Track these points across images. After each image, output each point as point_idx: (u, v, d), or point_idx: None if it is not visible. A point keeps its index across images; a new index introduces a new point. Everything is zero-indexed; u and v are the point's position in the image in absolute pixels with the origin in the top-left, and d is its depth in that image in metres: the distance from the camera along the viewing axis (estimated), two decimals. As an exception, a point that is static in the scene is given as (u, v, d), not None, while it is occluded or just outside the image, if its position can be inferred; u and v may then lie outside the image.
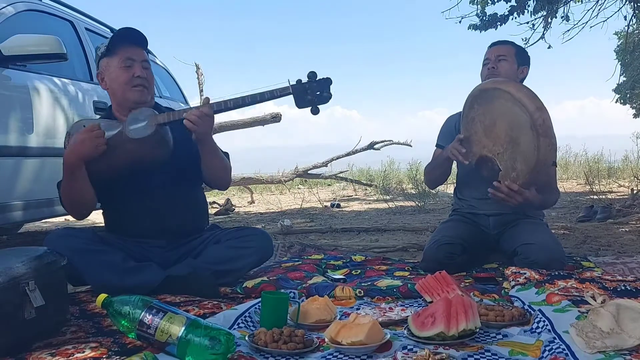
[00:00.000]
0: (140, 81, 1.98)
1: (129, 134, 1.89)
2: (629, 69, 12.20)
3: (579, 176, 8.84)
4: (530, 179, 2.02)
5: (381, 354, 1.26)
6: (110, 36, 2.01)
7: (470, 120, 2.17)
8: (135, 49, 2.00)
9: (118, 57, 1.98)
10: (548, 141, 1.94)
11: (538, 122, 1.91)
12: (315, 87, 1.91)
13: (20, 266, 1.31)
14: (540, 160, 1.95)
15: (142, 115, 1.93)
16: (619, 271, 2.15)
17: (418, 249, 2.93)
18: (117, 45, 1.98)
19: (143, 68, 2.00)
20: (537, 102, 1.94)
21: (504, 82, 2.06)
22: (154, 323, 1.21)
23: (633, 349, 1.19)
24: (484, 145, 2.13)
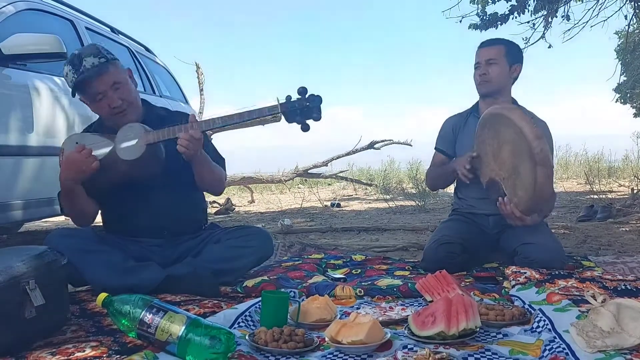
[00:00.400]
0: (119, 108, 1.94)
1: (120, 154, 1.89)
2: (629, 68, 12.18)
3: (579, 176, 8.84)
4: (529, 207, 2.04)
5: (381, 353, 1.26)
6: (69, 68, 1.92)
7: (482, 142, 2.19)
8: (99, 79, 1.91)
9: (87, 94, 1.95)
10: (545, 171, 1.93)
11: (535, 151, 1.91)
12: (304, 105, 1.84)
13: (20, 265, 1.31)
14: (537, 190, 1.95)
15: (132, 133, 1.90)
16: (619, 270, 2.15)
17: (418, 249, 2.93)
18: (80, 86, 1.93)
19: (115, 90, 1.93)
20: (536, 131, 1.94)
21: (509, 109, 2.06)
22: (155, 322, 1.20)
23: (633, 348, 1.19)
24: (492, 168, 2.15)
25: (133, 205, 2.02)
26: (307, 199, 6.85)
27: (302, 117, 1.85)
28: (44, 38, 2.45)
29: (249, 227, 2.26)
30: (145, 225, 2.03)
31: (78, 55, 1.92)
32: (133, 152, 1.88)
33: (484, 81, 2.29)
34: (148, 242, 2.03)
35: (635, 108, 14.47)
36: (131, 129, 1.91)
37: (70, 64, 1.92)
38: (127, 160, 1.88)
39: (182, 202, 2.08)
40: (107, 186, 1.97)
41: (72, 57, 1.93)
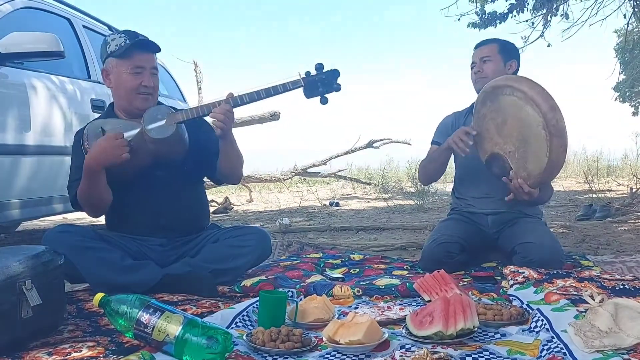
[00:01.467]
0: (147, 90, 1.99)
1: (150, 133, 1.90)
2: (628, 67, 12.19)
3: (578, 175, 8.85)
4: (540, 180, 2.00)
5: (379, 353, 1.26)
6: (120, 35, 1.99)
7: (482, 117, 2.14)
8: (147, 55, 2.00)
9: (129, 62, 1.97)
10: (561, 142, 1.89)
11: (552, 122, 1.86)
12: (323, 79, 1.98)
13: (17, 265, 1.31)
14: (552, 161, 1.91)
15: (160, 114, 1.94)
16: (618, 270, 2.15)
17: (417, 248, 2.93)
18: (130, 50, 1.96)
19: (151, 74, 2.00)
20: (550, 101, 1.90)
21: (516, 79, 2.02)
22: (152, 322, 1.20)
23: (631, 348, 1.18)
24: (495, 142, 2.10)
25: (138, 203, 2.01)
26: (306, 198, 6.85)
27: (323, 90, 1.98)
28: (41, 36, 2.44)
29: (247, 226, 2.26)
30: (148, 224, 2.02)
31: (134, 31, 2.01)
32: (164, 131, 1.91)
33: (479, 78, 2.29)
34: (150, 240, 2.03)
35: (634, 107, 14.49)
36: (158, 110, 1.95)
37: (124, 32, 2.00)
38: (158, 138, 1.90)
39: (187, 202, 2.08)
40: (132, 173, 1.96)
41: (127, 30, 2.02)
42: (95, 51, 3.39)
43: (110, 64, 2.01)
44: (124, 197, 2.02)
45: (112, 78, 2.01)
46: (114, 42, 1.99)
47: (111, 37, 2.01)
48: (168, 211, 2.03)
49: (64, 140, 2.84)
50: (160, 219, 2.02)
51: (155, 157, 1.95)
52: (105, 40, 2.03)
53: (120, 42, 1.97)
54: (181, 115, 1.94)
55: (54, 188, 2.81)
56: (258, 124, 6.67)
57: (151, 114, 1.94)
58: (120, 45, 1.96)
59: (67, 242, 1.82)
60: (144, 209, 2.02)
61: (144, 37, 2.01)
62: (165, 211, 2.02)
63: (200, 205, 2.19)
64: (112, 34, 2.04)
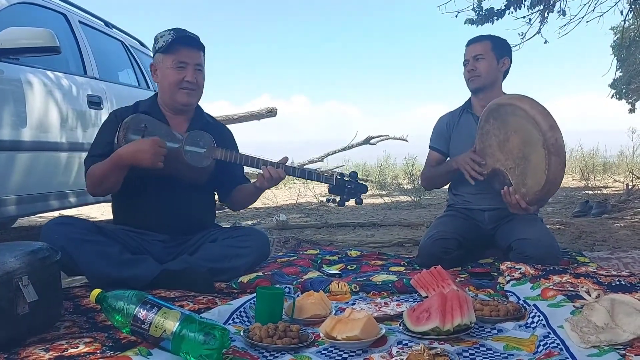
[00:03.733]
0: (189, 85, 2.01)
1: (186, 156, 1.97)
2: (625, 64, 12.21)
3: (574, 171, 8.86)
4: (539, 196, 2.04)
5: (376, 349, 1.26)
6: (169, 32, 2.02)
7: (485, 133, 2.19)
8: (192, 51, 2.01)
9: (173, 57, 1.99)
10: (559, 160, 1.94)
11: (550, 141, 1.92)
12: (352, 188, 2.10)
13: (13, 261, 1.30)
14: (550, 179, 1.96)
15: (203, 141, 2.01)
16: (614, 266, 2.15)
17: (414, 244, 2.94)
18: (174, 44, 1.99)
19: (196, 70, 2.02)
20: (550, 120, 1.95)
21: (519, 99, 2.06)
22: (148, 318, 1.20)
23: (627, 344, 1.19)
24: (497, 159, 2.15)
25: (149, 199, 2.02)
26: (303, 194, 6.84)
27: (347, 196, 2.10)
28: (37, 32, 2.43)
29: (246, 227, 2.28)
30: (155, 220, 2.03)
31: (184, 29, 2.04)
32: (199, 160, 1.99)
33: (473, 76, 2.31)
34: (152, 236, 2.03)
35: (630, 104, 14.52)
36: (202, 137, 2.02)
37: (174, 30, 2.03)
38: (190, 164, 1.97)
39: (196, 202, 2.10)
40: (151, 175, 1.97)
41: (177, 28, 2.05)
42: (91, 47, 3.38)
43: (157, 59, 2.04)
44: (137, 191, 2.02)
45: (158, 73, 2.05)
46: (162, 38, 2.02)
47: (160, 34, 2.04)
48: (177, 211, 2.04)
49: (60, 136, 2.83)
50: (168, 217, 2.03)
51: (178, 174, 2.00)
52: (155, 38, 2.06)
53: (167, 38, 2.00)
54: (221, 153, 2.00)
55: (50, 184, 2.80)
56: (255, 120, 6.66)
57: (195, 137, 2.01)
58: (167, 41, 1.99)
59: (66, 234, 1.82)
60: (154, 206, 2.02)
61: (192, 34, 2.03)
62: (174, 211, 2.03)
63: (209, 208, 2.22)
64: (162, 31, 2.07)
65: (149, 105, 2.10)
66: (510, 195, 2.08)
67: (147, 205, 2.03)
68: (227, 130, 2.27)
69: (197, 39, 2.03)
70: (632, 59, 11.33)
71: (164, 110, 2.08)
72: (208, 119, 2.19)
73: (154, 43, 2.06)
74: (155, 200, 2.02)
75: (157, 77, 2.07)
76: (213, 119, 2.25)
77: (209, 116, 2.23)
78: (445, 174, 2.38)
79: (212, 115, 2.29)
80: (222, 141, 2.09)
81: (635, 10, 5.30)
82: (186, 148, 1.98)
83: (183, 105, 2.04)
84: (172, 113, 2.08)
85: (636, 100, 14.39)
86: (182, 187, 2.03)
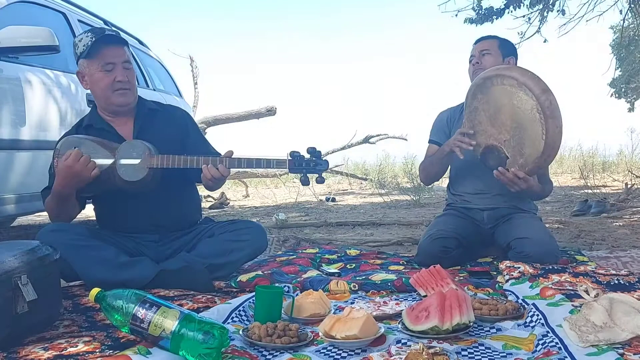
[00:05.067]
0: (122, 84, 1.96)
1: (120, 172, 1.88)
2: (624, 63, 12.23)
3: (573, 170, 8.87)
4: (538, 164, 2.01)
5: (375, 348, 1.26)
6: (86, 34, 1.95)
7: (474, 110, 2.14)
8: (115, 49, 1.95)
9: (98, 60, 1.94)
10: (556, 123, 1.91)
11: (545, 104, 1.89)
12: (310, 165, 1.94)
13: (12, 260, 1.30)
14: (549, 143, 1.93)
15: (136, 152, 1.89)
16: (613, 265, 2.16)
17: (413, 243, 2.94)
18: (96, 47, 1.93)
19: (124, 69, 1.96)
20: (542, 84, 1.92)
21: (507, 68, 2.04)
22: (148, 317, 1.20)
23: (626, 343, 1.19)
24: (489, 134, 2.11)
25: (127, 202, 2.00)
26: (302, 193, 6.84)
27: (306, 172, 1.95)
28: (36, 31, 2.42)
29: (242, 220, 2.26)
30: (139, 222, 2.02)
31: (100, 28, 2.00)
32: (134, 173, 1.88)
33: (477, 69, 2.30)
34: (143, 237, 2.03)
35: (629, 103, 14.53)
36: (134, 147, 1.90)
37: (90, 31, 1.97)
38: (124, 180, 1.89)
39: (177, 198, 2.07)
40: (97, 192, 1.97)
41: (93, 28, 2.00)
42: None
43: (82, 66, 1.99)
44: (112, 196, 2.00)
45: (87, 79, 1.99)
46: (81, 42, 1.96)
47: (78, 38, 1.98)
48: (158, 208, 2.02)
49: (59, 135, 2.81)
50: (151, 216, 2.01)
51: (122, 190, 1.92)
52: (74, 43, 2.00)
53: (86, 42, 1.94)
54: (157, 160, 1.89)
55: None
56: (254, 119, 6.66)
57: (127, 149, 1.90)
58: (87, 45, 1.93)
59: (61, 241, 1.80)
60: (133, 207, 2.01)
61: (110, 32, 1.97)
62: (154, 208, 2.01)
63: (191, 201, 2.18)
64: (79, 34, 2.01)
65: (90, 117, 2.07)
66: (504, 175, 2.06)
67: (126, 210, 2.01)
68: (179, 112, 2.19)
69: (117, 35, 1.98)
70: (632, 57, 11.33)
71: (105, 115, 2.03)
72: (152, 107, 2.12)
73: (74, 49, 2.00)
74: (133, 203, 1.99)
75: (86, 84, 2.01)
76: (159, 105, 2.19)
77: (153, 103, 2.16)
78: (439, 160, 2.34)
79: (158, 102, 2.24)
80: (175, 126, 2.02)
81: (635, 10, 5.30)
82: (120, 162, 1.88)
83: (121, 106, 1.99)
84: (113, 116, 2.03)
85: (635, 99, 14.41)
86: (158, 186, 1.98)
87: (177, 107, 2.27)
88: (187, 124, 2.14)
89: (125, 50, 1.99)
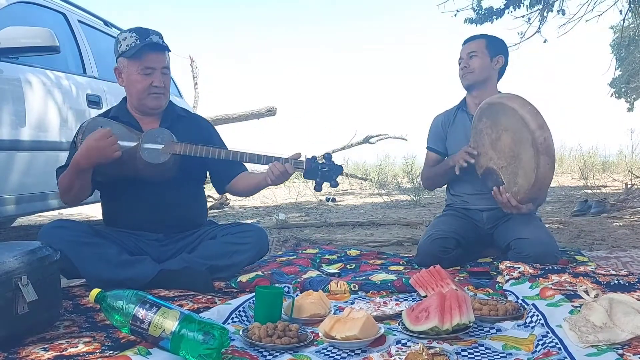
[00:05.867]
0: (158, 89, 2.00)
1: (142, 154, 1.92)
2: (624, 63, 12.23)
3: (573, 170, 8.88)
4: (530, 195, 2.05)
5: (375, 349, 1.26)
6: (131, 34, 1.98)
7: (479, 132, 2.20)
8: (157, 55, 1.99)
9: (139, 63, 1.97)
10: (548, 160, 1.95)
11: (539, 140, 1.93)
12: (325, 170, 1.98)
13: (12, 260, 1.30)
14: (539, 178, 1.97)
15: (160, 138, 1.96)
16: (613, 265, 2.16)
17: (413, 243, 2.94)
18: (140, 51, 1.96)
19: (162, 74, 2.00)
20: (539, 119, 1.96)
21: (510, 98, 2.07)
22: (148, 318, 1.20)
23: (625, 343, 1.19)
24: (490, 157, 2.16)
25: (135, 199, 2.01)
26: (302, 193, 6.84)
27: (321, 179, 1.98)
28: (36, 31, 2.43)
29: (245, 224, 2.26)
30: (145, 220, 2.02)
31: (146, 29, 2.00)
32: (156, 157, 1.93)
33: (466, 73, 2.33)
34: (147, 236, 2.03)
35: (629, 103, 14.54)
36: (160, 133, 1.97)
37: (135, 31, 1.99)
38: (146, 162, 1.92)
39: (185, 199, 2.08)
40: (116, 176, 1.98)
41: (138, 28, 2.01)
42: (91, 46, 3.37)
43: (122, 64, 2.02)
44: (121, 191, 2.02)
45: (124, 77, 2.03)
46: (125, 41, 1.98)
47: (122, 36, 2.01)
48: (164, 207, 2.02)
49: (59, 135, 2.83)
50: (157, 214, 2.02)
51: (141, 174, 1.95)
52: (117, 39, 2.03)
53: (130, 42, 1.97)
54: (180, 147, 1.94)
55: (49, 184, 2.78)
56: (254, 119, 6.66)
57: (152, 134, 1.96)
58: (131, 46, 1.96)
59: (63, 237, 1.82)
60: (140, 205, 2.01)
61: (155, 35, 2.00)
62: (161, 207, 2.02)
63: (198, 202, 2.19)
64: (123, 32, 2.04)
65: (117, 110, 2.10)
66: (500, 195, 2.11)
67: (134, 206, 2.02)
68: (204, 122, 2.24)
69: (161, 42, 2.00)
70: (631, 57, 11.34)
71: (134, 113, 2.07)
72: (180, 113, 2.16)
73: (115, 46, 2.03)
74: (141, 200, 2.01)
75: (122, 81, 2.04)
76: (186, 112, 2.23)
77: (181, 110, 2.21)
78: (443, 172, 2.40)
79: (185, 109, 2.27)
80: (198, 133, 2.06)
81: (635, 10, 5.30)
82: (143, 146, 1.93)
83: (153, 109, 2.04)
84: (142, 115, 2.06)
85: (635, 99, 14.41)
86: (167, 185, 2.00)
87: (202, 118, 2.32)
88: (210, 134, 2.18)
89: (166, 56, 2.03)
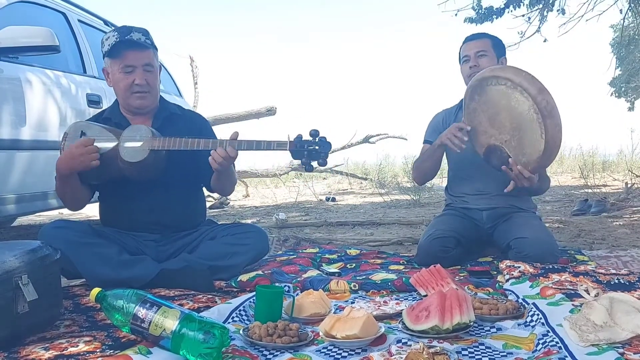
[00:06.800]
0: (140, 88, 1.97)
1: (122, 153, 1.89)
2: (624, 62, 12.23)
3: (573, 170, 8.87)
4: (541, 162, 2.01)
5: (375, 348, 1.26)
6: (113, 33, 1.96)
7: (473, 111, 2.14)
8: (138, 52, 1.96)
9: (119, 61, 1.95)
10: (554, 122, 1.90)
11: (542, 104, 1.88)
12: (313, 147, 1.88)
13: (13, 260, 1.30)
14: (549, 142, 1.92)
15: (139, 135, 1.91)
16: (613, 265, 2.16)
17: (413, 243, 2.94)
18: (118, 48, 1.94)
19: (145, 72, 1.97)
20: (537, 83, 1.91)
21: (501, 69, 2.04)
22: (148, 317, 1.20)
23: (626, 342, 1.19)
24: (490, 134, 2.11)
25: (131, 200, 2.01)
26: (302, 193, 6.84)
27: (307, 159, 1.89)
28: (36, 31, 2.42)
29: (245, 224, 2.26)
30: (142, 220, 2.02)
31: (129, 27, 1.98)
32: (135, 155, 1.89)
33: (474, 72, 2.28)
34: (144, 236, 2.03)
35: (629, 102, 14.54)
36: (138, 130, 1.92)
37: (118, 30, 1.97)
38: (126, 160, 1.89)
39: (182, 198, 2.08)
40: (101, 179, 1.98)
41: (122, 26, 1.99)
42: (91, 45, 3.37)
43: (106, 64, 2.01)
44: (117, 192, 2.01)
45: (110, 77, 2.02)
46: (107, 41, 1.97)
47: (106, 36, 1.99)
48: (161, 208, 2.02)
49: (59, 135, 2.81)
50: (152, 215, 2.01)
51: (124, 174, 1.93)
52: (102, 39, 2.02)
53: (112, 42, 1.95)
54: (159, 142, 1.89)
55: (50, 183, 2.77)
56: (254, 119, 6.65)
57: (130, 132, 1.92)
58: (112, 45, 1.95)
59: (64, 237, 1.82)
60: (137, 205, 2.01)
61: (137, 32, 1.96)
62: (158, 208, 2.01)
63: (196, 202, 2.18)
64: (109, 31, 2.02)
65: (111, 111, 2.10)
66: (511, 171, 2.05)
67: (128, 207, 2.02)
68: (199, 119, 2.21)
69: (141, 40, 1.95)
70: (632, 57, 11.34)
71: (125, 113, 2.06)
72: (173, 111, 2.13)
73: (101, 46, 2.02)
74: (135, 201, 2.00)
75: (110, 81, 2.03)
76: (181, 109, 2.20)
77: (176, 107, 2.17)
78: (431, 155, 2.32)
79: (180, 106, 2.25)
80: (191, 130, 2.01)
81: (635, 9, 5.30)
82: (123, 145, 1.90)
83: (138, 108, 2.02)
84: (132, 115, 2.05)
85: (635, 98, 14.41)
86: (161, 185, 1.99)
87: (198, 114, 2.30)
88: (204, 130, 2.13)
89: (148, 53, 1.98)
